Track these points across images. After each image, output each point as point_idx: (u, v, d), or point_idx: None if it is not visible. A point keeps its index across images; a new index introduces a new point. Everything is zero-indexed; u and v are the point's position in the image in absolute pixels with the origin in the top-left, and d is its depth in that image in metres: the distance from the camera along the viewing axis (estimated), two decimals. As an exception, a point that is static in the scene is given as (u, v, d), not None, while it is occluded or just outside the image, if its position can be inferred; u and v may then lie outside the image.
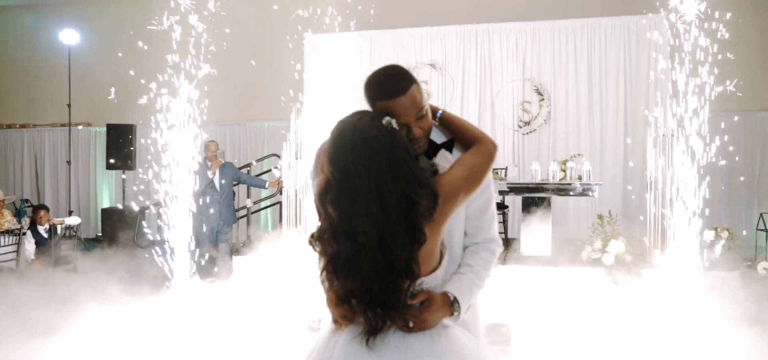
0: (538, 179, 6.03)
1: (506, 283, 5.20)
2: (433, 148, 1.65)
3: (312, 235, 1.50)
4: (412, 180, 1.41)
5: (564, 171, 6.10)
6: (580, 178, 6.03)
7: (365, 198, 1.38)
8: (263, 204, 8.19)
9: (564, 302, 5.04)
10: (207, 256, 6.01)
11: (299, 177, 6.03)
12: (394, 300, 1.42)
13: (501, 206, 7.13)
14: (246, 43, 8.57)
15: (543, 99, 7.81)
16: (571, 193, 5.89)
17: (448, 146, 1.66)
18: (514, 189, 5.78)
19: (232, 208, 6.52)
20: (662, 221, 5.43)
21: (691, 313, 4.60)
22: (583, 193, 5.84)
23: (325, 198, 1.43)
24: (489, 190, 1.67)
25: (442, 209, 1.46)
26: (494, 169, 5.86)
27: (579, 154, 6.44)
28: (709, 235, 5.24)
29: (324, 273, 1.47)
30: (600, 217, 5.59)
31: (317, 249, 1.48)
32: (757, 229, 6.21)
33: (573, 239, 5.94)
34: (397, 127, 1.45)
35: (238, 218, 6.99)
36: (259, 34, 8.81)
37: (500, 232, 6.80)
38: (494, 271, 1.67)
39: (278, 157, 7.10)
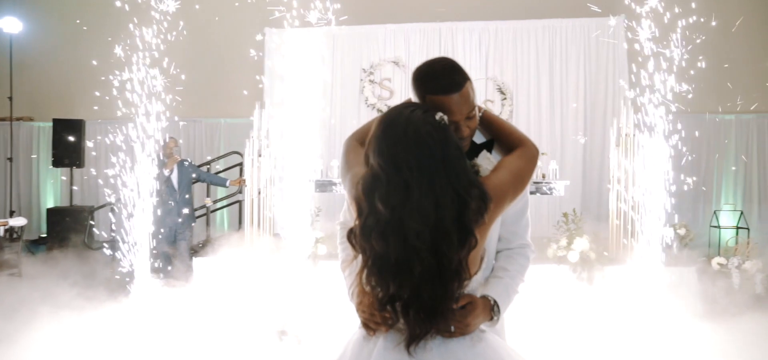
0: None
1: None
2: (474, 149, 1.59)
3: (351, 231, 1.42)
4: (464, 180, 1.35)
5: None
6: (544, 176, 6.10)
7: (418, 196, 1.30)
8: (220, 203, 7.94)
9: (532, 299, 5.08)
10: (164, 257, 5.76)
11: (263, 175, 5.86)
12: (443, 306, 1.35)
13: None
14: (202, 37, 8.29)
15: (505, 98, 7.88)
16: (538, 192, 5.96)
17: (487, 147, 1.60)
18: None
19: (190, 208, 6.27)
20: (624, 219, 5.55)
21: (652, 308, 4.71)
22: (549, 192, 5.91)
23: (373, 192, 1.34)
24: (526, 195, 1.64)
25: (492, 213, 1.40)
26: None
27: (543, 153, 6.51)
28: (669, 232, 5.39)
29: (364, 273, 1.39)
30: (565, 215, 5.66)
31: (357, 247, 1.40)
32: (710, 226, 6.44)
33: (538, 238, 5.99)
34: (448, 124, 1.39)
35: (197, 218, 6.74)
36: (216, 27, 8.54)
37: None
38: (528, 277, 1.63)
39: (240, 154, 6.90)
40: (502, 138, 1.59)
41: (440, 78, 1.48)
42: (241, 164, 7.58)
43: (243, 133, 9.27)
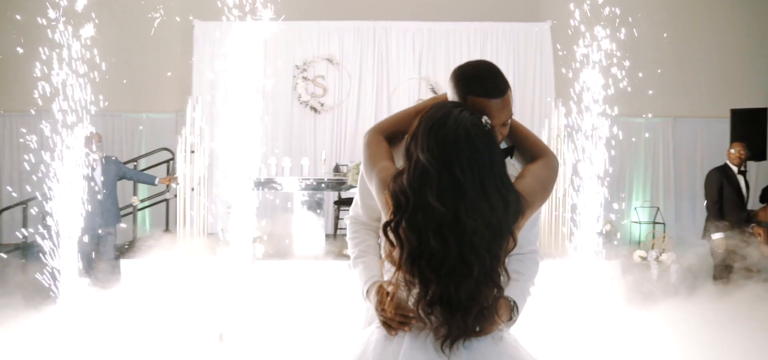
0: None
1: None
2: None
3: (388, 225, 1.39)
4: (507, 183, 1.37)
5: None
6: None
7: (472, 195, 1.31)
8: (146, 202, 7.54)
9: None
10: (87, 258, 5.39)
11: (195, 173, 5.62)
12: (489, 306, 1.36)
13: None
14: (123, 25, 7.83)
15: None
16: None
17: (508, 153, 1.61)
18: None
19: (115, 207, 5.89)
20: (556, 219, 5.82)
21: (588, 298, 4.97)
22: None
23: (424, 188, 1.32)
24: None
25: (524, 217, 1.42)
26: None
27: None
28: (597, 228, 5.70)
29: (403, 270, 1.36)
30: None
31: (396, 240, 1.37)
32: (631, 222, 6.86)
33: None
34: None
35: (123, 217, 6.35)
36: (139, 17, 8.09)
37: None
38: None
39: (170, 151, 6.58)
40: (526, 147, 1.61)
41: (485, 81, 1.50)
42: (168, 161, 7.23)
43: (166, 128, 8.87)
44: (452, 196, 1.31)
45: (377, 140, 1.61)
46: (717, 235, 5.34)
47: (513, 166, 1.58)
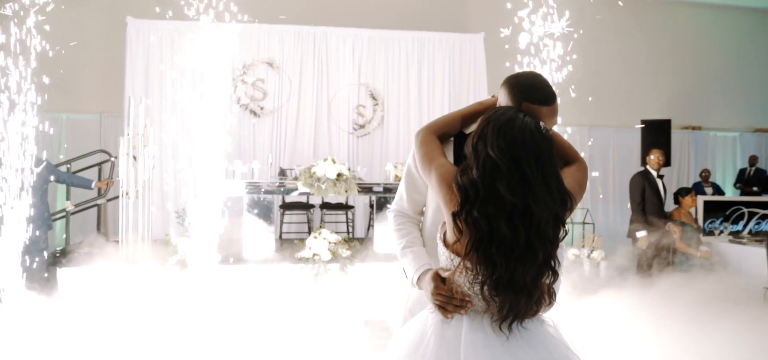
0: (391, 179, 6.30)
1: (369, 280, 5.39)
2: None
3: (457, 214, 1.49)
4: (561, 180, 1.52)
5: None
6: None
7: (538, 188, 1.45)
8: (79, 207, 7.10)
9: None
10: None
11: (139, 176, 5.41)
12: (546, 290, 1.51)
13: (347, 207, 7.29)
14: (50, 23, 7.34)
15: (377, 104, 8.18)
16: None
17: None
18: (365, 189, 5.98)
19: (46, 211, 5.53)
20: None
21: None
22: None
23: (494, 181, 1.45)
24: None
25: (571, 211, 1.57)
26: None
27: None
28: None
29: (471, 256, 1.48)
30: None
31: (465, 228, 1.48)
32: (584, 222, 7.26)
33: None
34: None
35: (54, 221, 5.96)
36: (67, 13, 7.63)
37: (347, 232, 6.96)
38: None
39: (107, 153, 6.26)
40: (562, 152, 1.77)
41: (540, 90, 1.66)
42: (100, 164, 6.87)
43: (88, 130, 8.40)
44: (521, 188, 1.45)
45: (431, 139, 1.74)
46: (641, 233, 5.89)
47: None
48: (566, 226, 1.55)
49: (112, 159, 6.09)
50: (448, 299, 1.55)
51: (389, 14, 8.43)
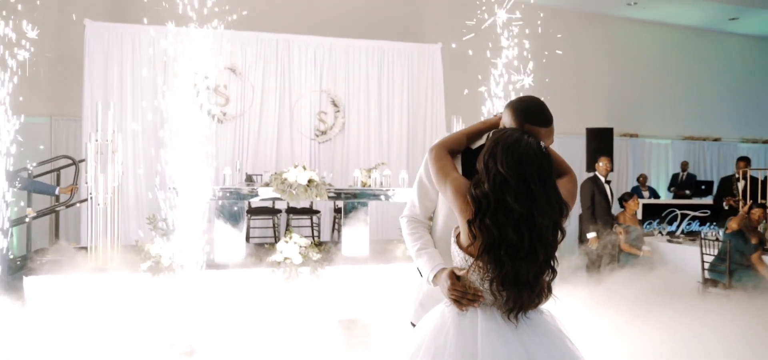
0: (358, 185, 6.49)
1: (339, 282, 5.59)
2: None
3: (471, 222, 1.74)
4: (559, 192, 1.79)
5: (369, 178, 6.71)
6: (381, 184, 6.69)
7: (540, 199, 1.70)
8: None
9: (393, 293, 5.62)
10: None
11: (109, 183, 5.39)
12: (545, 285, 1.76)
13: (312, 211, 7.44)
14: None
15: (338, 110, 8.38)
16: (383, 197, 6.53)
17: None
18: (338, 195, 6.17)
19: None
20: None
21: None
22: (386, 199, 6.47)
23: (504, 193, 1.69)
24: None
25: (566, 218, 1.83)
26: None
27: (383, 163, 7.15)
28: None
29: (484, 258, 1.72)
30: (409, 218, 6.34)
31: (478, 234, 1.72)
32: None
33: (387, 240, 6.61)
34: None
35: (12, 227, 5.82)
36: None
37: (313, 236, 7.12)
38: None
39: (70, 158, 6.17)
40: (556, 166, 2.01)
41: (540, 113, 1.92)
42: (58, 170, 6.74)
43: (39, 133, 8.18)
44: (527, 199, 1.71)
45: (444, 154, 1.98)
46: (591, 235, 6.36)
47: None
48: (564, 231, 1.82)
49: (78, 164, 6.01)
50: (462, 294, 1.78)
51: (350, 23, 8.65)
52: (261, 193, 5.88)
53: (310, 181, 5.73)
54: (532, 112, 1.92)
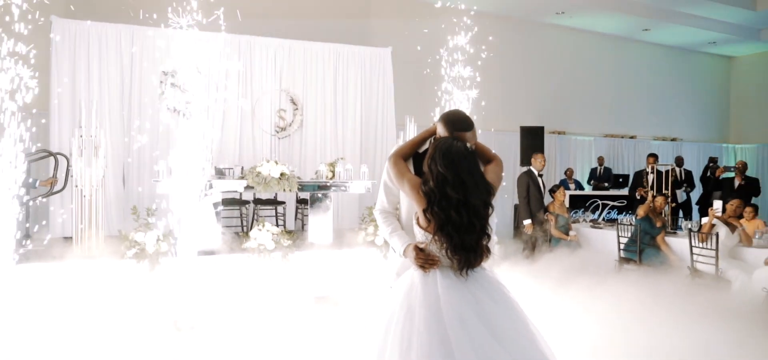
0: (322, 178, 7.12)
1: (308, 265, 6.23)
2: None
3: (425, 210, 2.36)
4: (485, 178, 2.45)
5: (332, 171, 7.36)
6: (342, 177, 7.35)
7: (473, 187, 2.35)
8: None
9: (358, 275, 6.31)
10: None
11: (94, 175, 5.78)
12: (484, 248, 2.45)
13: (278, 202, 8.00)
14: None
15: (297, 108, 8.96)
16: (345, 189, 7.21)
17: None
18: (306, 187, 6.79)
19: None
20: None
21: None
22: (345, 190, 7.15)
23: (444, 186, 2.33)
24: None
25: (494, 197, 2.48)
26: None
27: (342, 158, 7.80)
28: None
29: (438, 234, 2.35)
30: (369, 208, 7.05)
31: (433, 218, 2.36)
32: None
33: (348, 228, 7.29)
34: None
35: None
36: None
37: (277, 225, 7.68)
38: None
39: (49, 152, 6.42)
40: (483, 154, 2.70)
41: (464, 122, 2.58)
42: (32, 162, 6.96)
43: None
44: (461, 188, 2.35)
45: (399, 161, 2.63)
46: (526, 222, 7.30)
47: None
48: (493, 207, 2.46)
49: (58, 157, 6.30)
50: (425, 260, 2.41)
51: (308, 27, 9.23)
52: (233, 185, 6.41)
53: (282, 174, 6.32)
54: (457, 122, 2.58)
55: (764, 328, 4.54)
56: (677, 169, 10.71)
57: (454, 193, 2.32)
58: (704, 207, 10.02)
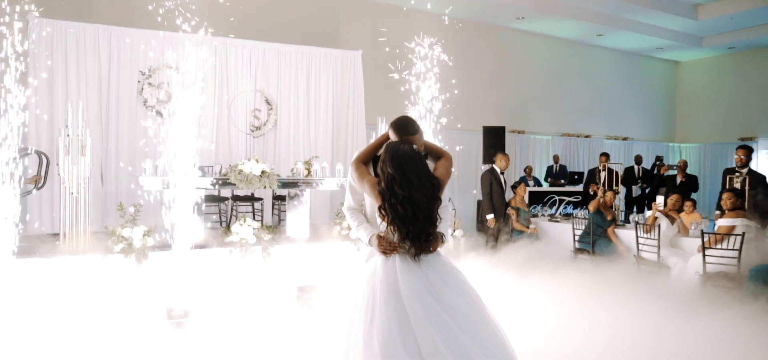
0: (300, 175, 7.49)
1: (287, 258, 6.60)
2: None
3: (381, 207, 2.76)
4: (431, 174, 2.85)
5: (309, 169, 7.74)
6: (318, 174, 7.74)
7: (418, 184, 2.74)
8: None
9: (328, 267, 6.70)
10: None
11: (81, 173, 6.00)
12: (432, 236, 2.82)
13: (255, 199, 8.33)
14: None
15: (271, 108, 9.28)
16: (320, 186, 7.59)
17: (426, 158, 3.00)
18: (286, 184, 7.16)
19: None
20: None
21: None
22: (317, 186, 7.54)
23: (393, 185, 2.72)
24: None
25: (442, 190, 2.88)
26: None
27: (316, 156, 8.18)
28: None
29: (390, 226, 2.74)
30: (342, 203, 7.45)
31: (386, 213, 2.75)
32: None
33: (323, 223, 7.69)
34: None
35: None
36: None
37: (256, 220, 8.01)
38: None
39: (25, 150, 6.58)
40: (433, 152, 3.12)
41: (410, 126, 2.98)
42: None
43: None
44: (408, 187, 2.75)
45: (360, 165, 3.04)
46: (489, 216, 7.84)
47: (430, 164, 3.02)
48: (440, 199, 2.85)
49: (42, 156, 6.48)
50: (386, 247, 2.81)
51: (282, 30, 9.58)
52: (231, 182, 6.74)
53: (263, 172, 6.68)
54: (404, 127, 3.00)
55: (695, 305, 5.19)
56: (636, 167, 11.64)
57: (401, 191, 2.71)
58: (650, 201, 10.86)
